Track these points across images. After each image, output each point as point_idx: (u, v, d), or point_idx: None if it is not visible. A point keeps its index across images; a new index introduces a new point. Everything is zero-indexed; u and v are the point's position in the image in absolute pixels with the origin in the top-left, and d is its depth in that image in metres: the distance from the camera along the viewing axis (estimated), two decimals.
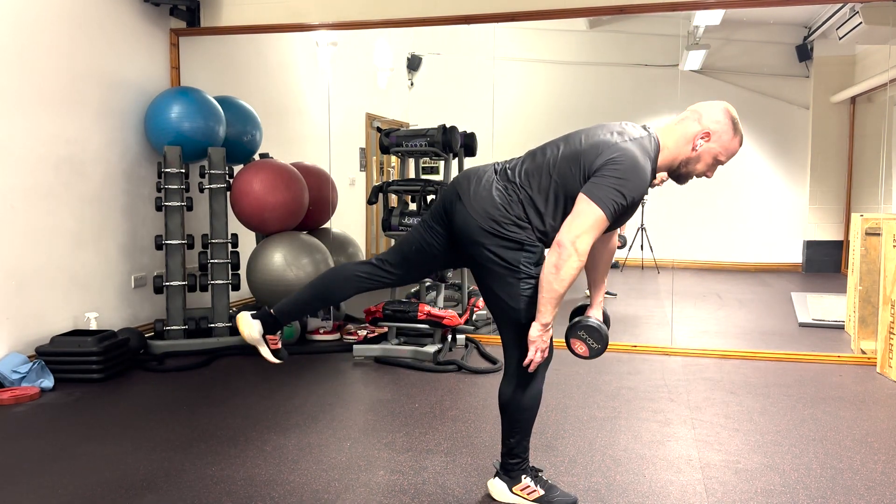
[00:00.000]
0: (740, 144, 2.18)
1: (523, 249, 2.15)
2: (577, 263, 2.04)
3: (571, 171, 2.11)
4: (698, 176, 2.24)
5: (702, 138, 2.15)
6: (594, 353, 2.29)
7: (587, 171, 2.09)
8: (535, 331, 2.13)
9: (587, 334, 2.28)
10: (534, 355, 2.15)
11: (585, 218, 2.03)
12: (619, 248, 6.61)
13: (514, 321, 2.20)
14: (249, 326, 2.47)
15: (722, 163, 2.20)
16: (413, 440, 2.92)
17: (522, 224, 2.15)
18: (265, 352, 2.51)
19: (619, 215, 2.09)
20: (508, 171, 2.22)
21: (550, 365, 2.32)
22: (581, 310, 2.43)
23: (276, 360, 2.53)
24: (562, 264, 2.03)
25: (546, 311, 2.10)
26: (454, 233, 2.24)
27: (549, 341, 2.17)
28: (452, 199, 2.24)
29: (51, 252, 4.05)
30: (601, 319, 2.35)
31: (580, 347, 2.30)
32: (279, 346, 2.52)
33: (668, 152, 2.18)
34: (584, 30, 8.92)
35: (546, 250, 2.16)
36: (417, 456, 2.75)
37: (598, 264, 2.45)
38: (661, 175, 2.29)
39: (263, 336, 2.49)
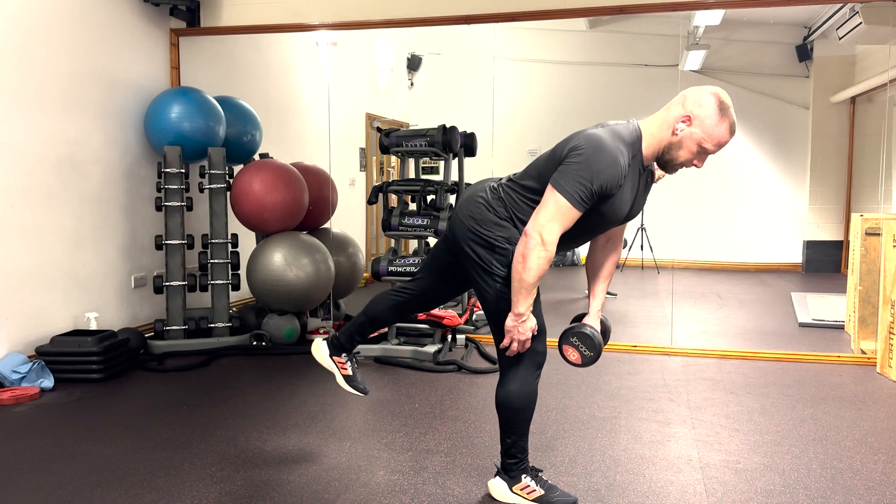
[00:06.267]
0: (730, 133, 2.03)
1: (494, 251, 2.17)
2: (544, 253, 2.03)
3: (547, 165, 2.13)
4: (685, 165, 2.11)
5: (682, 122, 2.04)
6: (586, 361, 2.27)
7: (558, 161, 2.08)
8: (509, 321, 2.14)
9: (580, 341, 2.26)
10: (508, 343, 2.16)
11: (549, 207, 2.03)
12: None
13: (496, 319, 2.23)
14: (317, 348, 2.65)
15: (709, 151, 2.05)
16: (413, 440, 2.92)
17: (502, 223, 2.17)
18: (339, 379, 2.64)
19: (593, 204, 2.04)
20: (504, 178, 2.28)
21: (550, 364, 2.32)
22: (580, 318, 2.40)
23: (351, 389, 2.62)
24: (528, 253, 2.04)
25: (517, 300, 2.10)
26: (454, 243, 2.29)
27: (527, 332, 2.14)
28: (452, 213, 2.35)
29: (51, 252, 4.05)
30: (597, 329, 2.32)
31: (572, 354, 2.28)
32: (349, 371, 2.63)
33: (652, 138, 2.10)
34: (584, 30, 8.92)
35: None
36: (417, 456, 2.75)
37: (597, 271, 2.40)
38: (658, 172, 2.26)
39: (330, 357, 2.63)
